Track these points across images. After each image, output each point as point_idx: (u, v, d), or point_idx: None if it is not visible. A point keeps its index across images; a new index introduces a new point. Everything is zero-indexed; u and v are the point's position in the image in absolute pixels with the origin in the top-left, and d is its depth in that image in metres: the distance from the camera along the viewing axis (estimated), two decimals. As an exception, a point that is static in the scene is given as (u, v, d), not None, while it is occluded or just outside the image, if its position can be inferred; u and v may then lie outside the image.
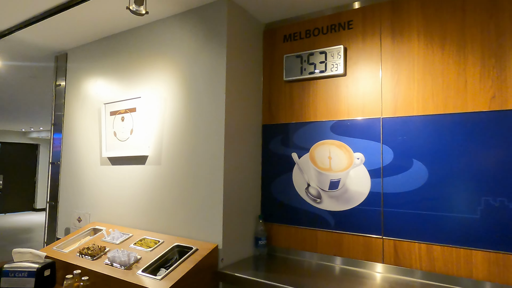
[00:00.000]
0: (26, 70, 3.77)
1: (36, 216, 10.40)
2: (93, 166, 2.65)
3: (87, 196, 2.67)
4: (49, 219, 2.96)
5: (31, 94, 5.15)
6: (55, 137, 3.00)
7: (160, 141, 2.26)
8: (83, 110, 2.80)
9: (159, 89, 2.30)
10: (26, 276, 1.87)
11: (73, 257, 2.07)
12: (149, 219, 2.28)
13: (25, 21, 2.46)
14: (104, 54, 2.69)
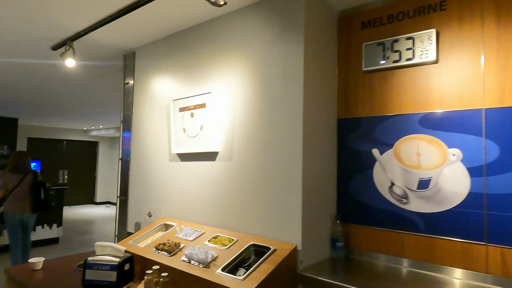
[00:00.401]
0: (95, 70, 3.95)
1: (96, 209, 11.10)
2: (162, 162, 2.68)
3: (157, 192, 2.70)
4: (120, 213, 3.06)
5: (96, 94, 5.42)
6: (124, 134, 3.09)
7: (231, 137, 2.21)
8: (151, 107, 2.84)
9: (229, 83, 2.24)
10: (108, 270, 1.91)
11: (150, 252, 2.08)
12: (220, 216, 2.25)
13: (99, 21, 2.53)
14: (172, 51, 2.71)
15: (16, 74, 4.28)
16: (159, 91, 2.79)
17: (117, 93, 5.22)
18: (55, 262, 2.39)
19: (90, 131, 11.46)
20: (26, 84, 4.88)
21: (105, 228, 8.25)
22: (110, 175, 12.14)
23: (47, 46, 3.08)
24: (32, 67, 3.91)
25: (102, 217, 9.83)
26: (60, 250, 6.22)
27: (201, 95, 2.35)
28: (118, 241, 3.04)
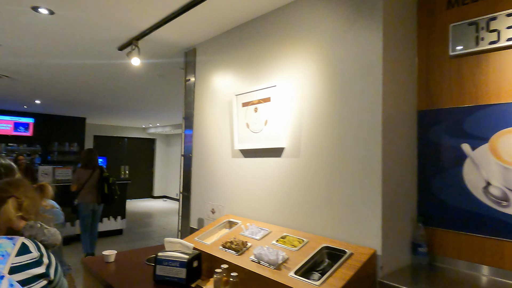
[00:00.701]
0: (155, 69, 4.06)
1: (154, 202, 11.67)
2: (225, 159, 2.65)
3: (220, 188, 2.68)
4: (183, 208, 3.10)
5: (156, 93, 5.62)
6: (186, 131, 3.12)
7: (298, 132, 2.10)
8: (213, 103, 2.83)
9: (296, 76, 2.13)
10: (178, 266, 1.90)
11: (217, 250, 2.05)
12: (287, 215, 2.15)
13: (163, 19, 2.55)
14: (233, 45, 2.66)
15: (85, 77, 4.56)
16: (221, 87, 2.76)
17: (175, 91, 5.37)
18: (125, 255, 2.47)
19: (148, 128, 12.05)
20: (93, 86, 5.19)
21: (163, 221, 8.61)
22: (166, 171, 12.68)
23: (114, 47, 3.21)
24: (99, 69, 4.13)
25: (160, 210, 10.29)
26: (124, 240, 6.59)
27: (265, 89, 2.26)
28: (182, 236, 3.09)
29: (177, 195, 12.03)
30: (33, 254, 1.01)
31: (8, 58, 3.70)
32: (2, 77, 4.57)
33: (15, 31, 2.89)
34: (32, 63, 3.92)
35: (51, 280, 1.05)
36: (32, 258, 1.00)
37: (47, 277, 1.03)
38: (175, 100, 6.30)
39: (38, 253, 1.03)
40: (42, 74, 4.49)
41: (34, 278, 0.98)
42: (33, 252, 1.02)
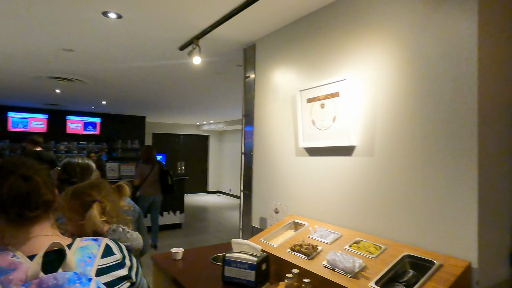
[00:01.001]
0: (213, 67, 4.08)
1: (208, 197, 12.00)
2: (288, 157, 2.56)
3: (283, 188, 2.60)
4: (244, 207, 3.08)
5: (212, 91, 5.70)
6: (247, 128, 3.08)
7: (371, 129, 1.93)
8: (274, 100, 2.74)
9: (368, 68, 1.96)
10: (247, 268, 1.86)
11: (285, 253, 1.97)
12: (358, 219, 2.00)
13: (224, 16, 2.52)
14: (295, 39, 2.54)
15: (146, 77, 4.74)
16: (282, 83, 2.67)
17: (230, 88, 5.39)
18: (191, 252, 2.50)
19: (201, 125, 12.40)
20: (153, 86, 5.40)
21: (219, 216, 8.80)
22: (219, 167, 12.97)
23: (175, 47, 3.26)
24: (159, 69, 4.26)
25: (214, 205, 10.55)
26: (184, 234, 6.84)
27: (333, 83, 2.12)
28: (243, 234, 3.07)
29: (230, 190, 12.26)
30: (116, 256, 1.00)
31: (80, 63, 3.96)
32: (75, 81, 4.93)
33: (87, 37, 3.05)
34: (101, 67, 4.15)
35: (133, 282, 1.03)
36: (115, 260, 0.97)
37: (129, 279, 1.02)
38: (229, 97, 6.35)
39: (121, 254, 1.01)
40: (109, 77, 4.76)
41: (118, 280, 0.96)
42: (116, 254, 1.00)
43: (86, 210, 1.24)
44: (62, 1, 2.32)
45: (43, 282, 0.76)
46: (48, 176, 0.94)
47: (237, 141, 12.01)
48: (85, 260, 0.90)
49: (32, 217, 0.89)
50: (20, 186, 0.87)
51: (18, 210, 0.87)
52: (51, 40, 3.15)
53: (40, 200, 0.90)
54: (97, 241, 0.98)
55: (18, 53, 3.62)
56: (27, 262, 0.82)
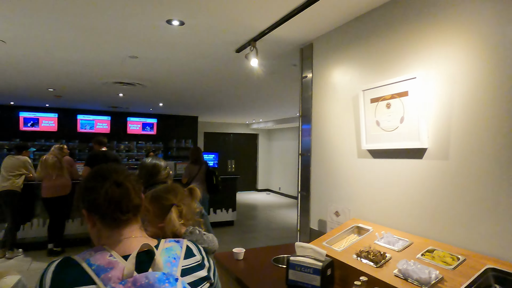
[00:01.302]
0: (267, 67, 4.09)
1: (258, 195, 12.12)
2: (349, 159, 2.49)
3: (344, 190, 2.53)
4: (301, 209, 3.05)
5: (264, 90, 5.73)
6: (304, 128, 3.05)
7: (446, 130, 1.80)
8: (333, 100, 2.68)
9: (443, 65, 1.83)
10: (312, 273, 1.84)
11: (350, 258, 1.92)
12: (430, 226, 1.89)
13: (283, 17, 2.50)
14: (357, 36, 2.45)
15: (200, 78, 4.89)
16: (342, 82, 2.59)
17: (282, 87, 5.38)
18: (252, 253, 2.54)
19: (251, 124, 12.54)
20: (206, 87, 5.56)
21: (269, 215, 8.85)
22: (268, 165, 13.04)
23: (232, 50, 3.32)
24: (215, 71, 4.37)
25: (264, 203, 10.63)
26: (236, 232, 6.97)
27: (401, 82, 2.02)
28: (301, 236, 3.05)
29: (279, 189, 12.27)
30: (197, 257, 1.03)
31: (143, 68, 4.20)
32: (136, 85, 5.24)
33: (151, 44, 3.22)
34: (161, 71, 4.37)
35: (212, 282, 1.06)
36: (196, 261, 1.01)
37: (209, 279, 1.04)
38: (280, 96, 6.34)
39: (200, 256, 1.04)
40: (166, 80, 4.99)
41: (199, 280, 0.99)
42: (196, 255, 1.03)
43: (164, 213, 1.30)
44: (130, 12, 2.47)
45: (136, 280, 0.81)
46: (136, 182, 1.00)
47: (286, 139, 11.98)
48: (171, 261, 0.94)
49: (124, 220, 0.95)
50: (114, 191, 0.94)
51: (112, 213, 0.93)
52: (119, 49, 3.38)
53: (131, 205, 0.96)
54: (179, 242, 1.02)
55: (90, 62, 3.93)
56: (122, 261, 0.87)
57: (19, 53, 3.62)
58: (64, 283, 0.82)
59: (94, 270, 0.84)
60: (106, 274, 0.84)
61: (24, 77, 4.96)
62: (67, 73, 4.57)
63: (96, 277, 0.83)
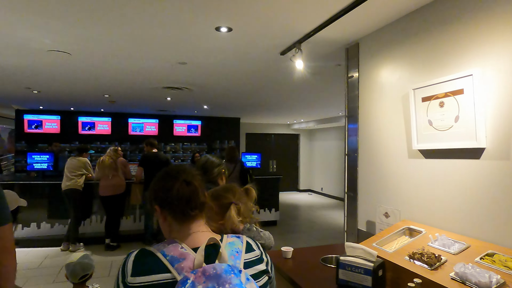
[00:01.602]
0: (311, 68, 4.09)
1: (299, 195, 12.08)
2: (399, 159, 2.44)
3: (394, 191, 2.49)
4: (348, 209, 3.03)
5: (307, 91, 5.74)
6: (350, 127, 3.03)
7: (506, 129, 1.72)
8: (381, 99, 2.64)
9: (501, 61, 1.75)
10: (362, 273, 1.84)
11: (402, 260, 1.89)
12: (490, 228, 1.81)
13: (330, 18, 2.52)
14: (406, 34, 2.40)
15: (244, 81, 5.00)
16: (391, 81, 2.55)
17: (325, 87, 5.35)
18: (299, 252, 2.57)
19: (292, 124, 12.53)
20: (249, 89, 5.67)
21: (311, 215, 8.80)
22: (310, 165, 12.94)
23: (276, 52, 3.38)
24: (258, 74, 4.46)
25: (306, 203, 10.57)
26: (279, 232, 7.02)
27: (456, 80, 1.95)
28: (348, 237, 3.03)
29: (322, 189, 12.13)
30: (256, 252, 1.08)
31: (190, 73, 4.40)
32: (184, 89, 5.49)
33: (199, 50, 3.38)
34: (208, 75, 4.55)
35: (270, 276, 1.11)
36: (256, 256, 1.07)
37: (268, 273, 1.09)
38: (323, 96, 6.30)
39: (259, 251, 1.10)
40: (212, 83, 5.18)
41: (259, 273, 1.05)
42: (256, 250, 1.09)
43: (224, 211, 1.38)
44: (182, 23, 2.62)
45: (206, 271, 0.88)
46: (202, 181, 1.09)
47: (328, 139, 11.82)
48: (234, 254, 1.01)
49: (192, 215, 1.04)
50: (184, 190, 1.03)
51: (183, 209, 1.02)
52: (170, 56, 3.58)
53: (198, 202, 1.05)
54: (239, 238, 1.09)
55: (142, 69, 4.20)
56: (192, 253, 0.96)
57: (81, 63, 3.96)
58: (143, 270, 0.92)
59: (168, 260, 0.93)
60: (179, 264, 0.92)
61: (83, 85, 5.40)
62: (121, 80, 4.91)
63: (171, 266, 0.92)
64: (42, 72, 4.45)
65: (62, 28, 2.74)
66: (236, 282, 0.87)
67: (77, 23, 2.62)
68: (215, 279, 0.86)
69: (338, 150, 11.18)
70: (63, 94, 6.35)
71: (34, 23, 2.62)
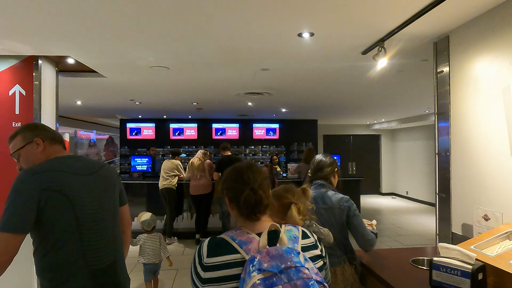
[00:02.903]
0: (394, 65, 3.97)
1: (381, 199, 11.50)
2: (500, 158, 2.26)
3: (494, 192, 2.31)
4: (440, 211, 2.88)
5: (389, 89, 5.52)
6: (440, 126, 2.88)
7: None
8: (476, 94, 2.47)
9: None
10: (459, 275, 1.77)
11: (506, 265, 1.77)
12: None
13: (416, 14, 2.45)
14: (504, 23, 2.22)
15: (322, 82, 5.04)
16: (488, 74, 2.37)
17: (409, 84, 5.09)
18: (388, 253, 2.54)
19: (372, 125, 12.02)
20: (327, 90, 5.67)
21: (396, 220, 8.34)
22: (393, 167, 12.24)
23: (358, 52, 3.38)
24: (337, 74, 4.46)
25: (389, 207, 10.03)
26: (361, 235, 6.84)
27: None
28: (440, 240, 2.87)
29: (407, 193, 11.37)
30: (311, 239, 1.22)
31: (272, 79, 4.62)
32: (264, 94, 5.75)
33: (281, 56, 3.56)
34: (288, 79, 4.71)
35: (325, 262, 1.24)
36: (311, 242, 1.21)
37: (323, 258, 1.22)
38: (407, 94, 5.97)
39: (314, 238, 1.24)
40: (291, 87, 5.33)
41: (315, 257, 1.18)
42: (310, 237, 1.23)
43: (285, 210, 1.47)
44: (266, 32, 2.81)
45: (269, 252, 1.01)
46: (267, 186, 1.21)
47: (413, 139, 11.07)
48: (292, 239, 1.15)
49: (257, 217, 1.18)
50: (251, 197, 1.15)
51: (248, 213, 1.16)
52: (253, 64, 3.83)
53: (262, 207, 1.18)
54: (296, 227, 1.23)
55: (228, 77, 4.55)
56: (257, 237, 1.11)
57: (176, 75, 4.46)
58: (217, 252, 1.08)
59: (237, 243, 1.10)
60: (247, 246, 1.08)
61: (176, 95, 6.03)
62: (209, 88, 5.36)
63: (240, 248, 1.08)
64: (144, 85, 5.12)
65: (165, 45, 3.16)
66: (297, 260, 0.99)
67: (177, 39, 3.00)
68: (278, 258, 0.98)
69: (425, 150, 10.39)
70: (159, 103, 7.15)
71: (142, 41, 3.07)
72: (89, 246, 1.51)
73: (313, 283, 0.95)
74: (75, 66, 4.09)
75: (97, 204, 1.58)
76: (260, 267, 0.96)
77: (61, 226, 1.46)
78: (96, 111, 8.33)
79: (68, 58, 3.62)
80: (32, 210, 1.39)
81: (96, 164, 1.70)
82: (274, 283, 0.93)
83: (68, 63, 3.81)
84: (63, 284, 1.46)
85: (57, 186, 1.46)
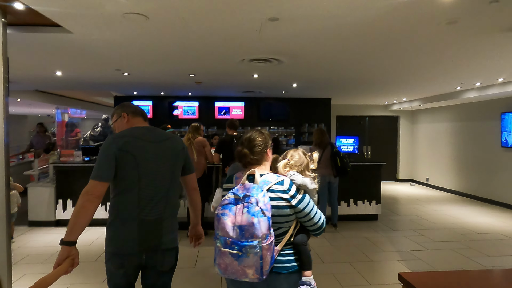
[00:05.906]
0: (447, 11, 2.99)
1: (399, 186, 10.59)
2: None
3: None
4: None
5: (415, 57, 4.50)
6: None
7: None
8: None
9: None
10: None
11: None
12: None
13: None
14: None
15: (340, 46, 4.08)
16: None
17: (457, 46, 4.09)
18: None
19: (391, 105, 10.99)
20: (346, 57, 4.70)
21: (416, 209, 7.47)
22: (412, 152, 11.28)
23: None
24: (361, 32, 3.50)
25: (408, 195, 9.13)
26: (381, 228, 5.98)
27: None
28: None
29: (427, 180, 10.45)
30: (284, 186, 1.69)
31: (282, 37, 3.62)
32: (273, 61, 4.81)
33: (294, 3, 2.62)
34: (302, 39, 3.73)
35: (291, 204, 1.68)
36: (282, 188, 1.68)
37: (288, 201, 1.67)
38: (447, 62, 4.93)
39: (289, 187, 1.69)
40: (305, 53, 4.39)
41: (278, 198, 1.66)
42: (284, 185, 1.69)
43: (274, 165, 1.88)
44: None
45: (245, 185, 1.64)
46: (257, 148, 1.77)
47: (436, 121, 10.05)
48: (265, 182, 1.69)
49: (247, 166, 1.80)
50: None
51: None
52: (258, 9, 2.89)
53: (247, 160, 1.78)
54: (278, 176, 1.75)
55: (228, 36, 3.63)
56: (245, 177, 1.72)
57: (158, 29, 3.54)
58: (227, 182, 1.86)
59: (234, 178, 1.82)
60: (237, 180, 1.77)
61: (165, 61, 5.13)
62: (204, 52, 4.45)
63: (234, 180, 1.80)
64: (123, 46, 4.23)
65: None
66: (254, 192, 1.58)
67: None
68: (246, 189, 1.61)
69: (450, 133, 9.39)
70: (151, 76, 6.27)
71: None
72: (143, 199, 1.90)
73: (253, 206, 1.53)
74: (31, 18, 3.22)
75: (156, 166, 1.95)
76: (234, 192, 1.63)
77: (128, 178, 1.88)
78: (84, 85, 7.46)
79: (15, 2, 2.74)
80: (111, 165, 1.85)
81: (164, 135, 2.07)
82: (237, 200, 1.60)
83: (18, 10, 2.92)
84: (120, 222, 1.89)
85: (129, 148, 1.89)
